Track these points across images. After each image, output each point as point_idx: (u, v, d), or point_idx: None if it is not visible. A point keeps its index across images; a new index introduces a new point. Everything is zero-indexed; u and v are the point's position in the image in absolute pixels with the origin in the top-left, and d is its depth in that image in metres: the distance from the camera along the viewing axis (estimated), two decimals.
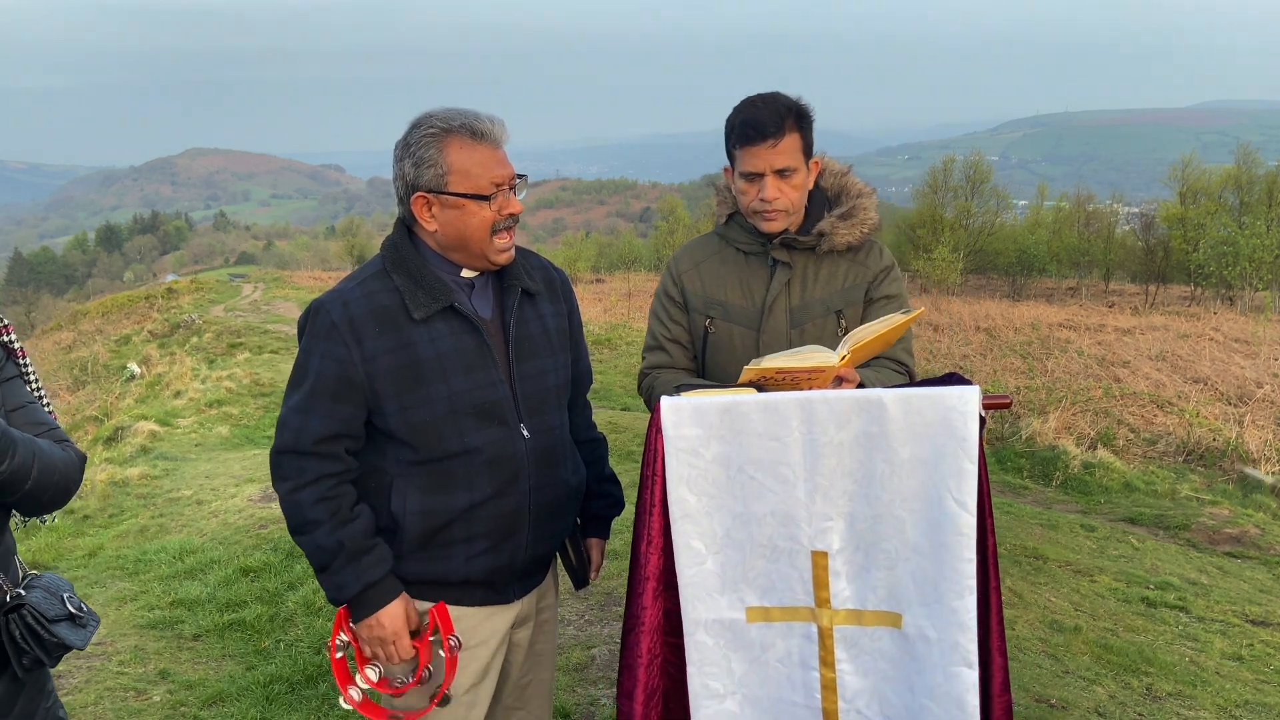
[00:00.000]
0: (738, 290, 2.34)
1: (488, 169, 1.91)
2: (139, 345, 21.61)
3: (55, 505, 1.85)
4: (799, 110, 2.21)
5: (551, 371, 2.09)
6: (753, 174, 2.21)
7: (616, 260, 57.00)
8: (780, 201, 2.22)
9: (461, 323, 1.95)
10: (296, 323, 2.02)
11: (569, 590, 4.67)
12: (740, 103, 2.25)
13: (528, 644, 2.19)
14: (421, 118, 1.94)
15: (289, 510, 1.92)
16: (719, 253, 2.40)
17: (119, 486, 8.06)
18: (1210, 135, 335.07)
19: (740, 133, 2.21)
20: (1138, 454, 10.67)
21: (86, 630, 1.87)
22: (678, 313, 2.42)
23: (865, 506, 1.80)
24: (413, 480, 1.94)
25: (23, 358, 1.98)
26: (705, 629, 1.89)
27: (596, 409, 11.66)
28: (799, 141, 2.20)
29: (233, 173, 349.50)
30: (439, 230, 1.94)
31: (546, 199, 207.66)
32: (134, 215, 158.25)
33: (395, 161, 1.96)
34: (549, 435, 2.06)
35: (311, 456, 1.89)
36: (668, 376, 2.37)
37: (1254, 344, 19.20)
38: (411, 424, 1.90)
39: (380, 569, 1.92)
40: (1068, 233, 50.70)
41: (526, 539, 2.03)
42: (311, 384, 1.89)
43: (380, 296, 1.92)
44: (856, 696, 1.88)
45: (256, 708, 3.65)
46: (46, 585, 1.86)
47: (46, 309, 68.24)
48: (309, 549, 1.93)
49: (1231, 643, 5.02)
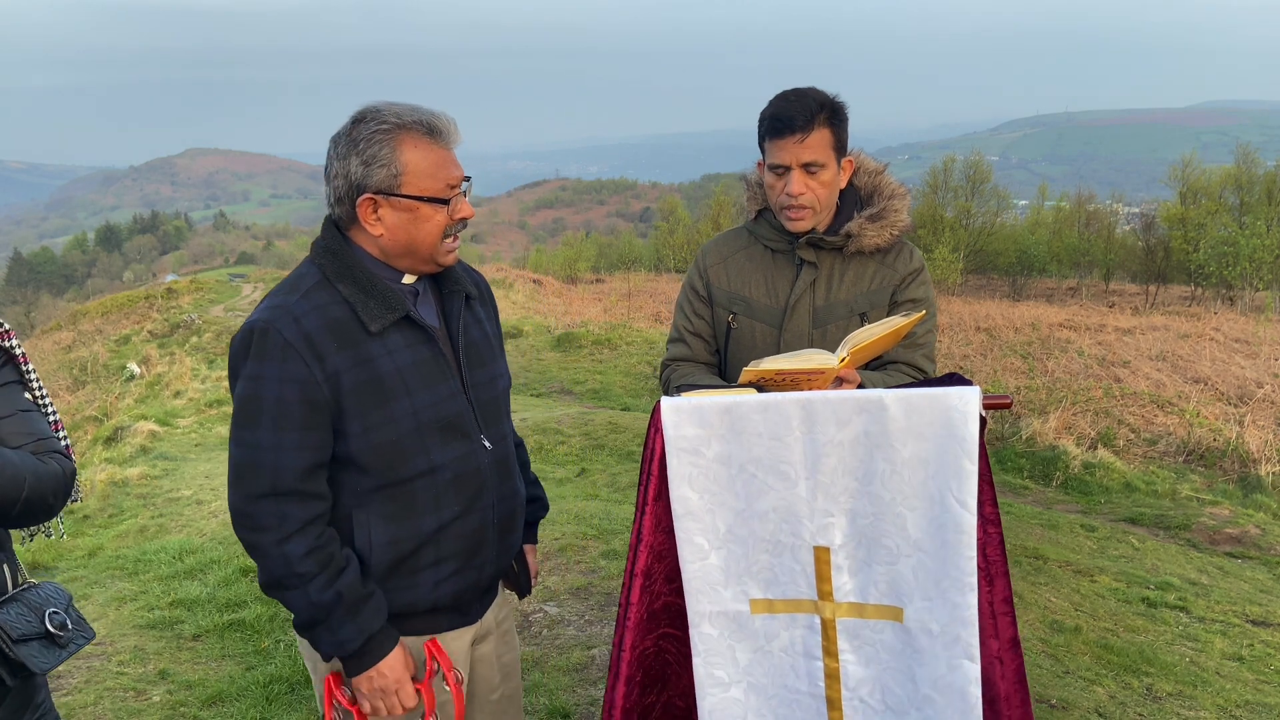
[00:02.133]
0: (762, 287, 2.32)
1: (444, 170, 1.76)
2: (139, 345, 21.62)
3: (33, 519, 1.75)
4: (832, 106, 2.17)
5: (500, 377, 2.00)
6: (780, 167, 2.18)
7: (616, 260, 57.01)
8: (806, 197, 2.18)
9: (416, 333, 1.82)
10: (230, 349, 1.78)
11: (569, 590, 4.67)
12: (775, 96, 2.21)
13: (494, 657, 2.10)
14: (367, 111, 1.77)
15: (273, 564, 1.71)
16: (747, 248, 2.38)
17: (119, 486, 8.07)
18: (1210, 135, 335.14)
19: (769, 125, 2.18)
20: (1138, 454, 10.67)
21: (64, 650, 1.80)
22: (701, 306, 2.40)
23: (867, 504, 1.80)
24: (374, 509, 1.79)
25: (24, 364, 1.93)
26: (710, 620, 1.91)
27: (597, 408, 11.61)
28: (829, 138, 2.17)
29: (233, 173, 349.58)
30: (385, 235, 1.78)
31: (546, 199, 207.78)
32: (134, 215, 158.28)
33: (336, 159, 1.76)
34: (505, 444, 1.97)
35: (293, 498, 1.70)
36: (685, 370, 2.36)
37: (1254, 344, 19.21)
38: (374, 445, 1.75)
39: (381, 617, 1.78)
40: (1068, 233, 50.71)
41: (491, 554, 1.94)
42: (274, 414, 1.69)
43: (331, 309, 1.74)
44: (860, 685, 1.90)
45: (256, 708, 3.65)
46: (31, 599, 1.81)
47: (46, 309, 68.26)
48: (297, 604, 1.73)
49: (1232, 643, 5.02)
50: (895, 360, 2.26)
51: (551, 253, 61.77)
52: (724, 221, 44.57)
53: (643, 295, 33.73)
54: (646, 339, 17.73)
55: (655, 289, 39.03)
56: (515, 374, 14.75)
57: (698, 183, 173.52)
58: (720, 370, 2.39)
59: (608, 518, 5.89)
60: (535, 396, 13.04)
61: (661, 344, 17.08)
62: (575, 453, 8.85)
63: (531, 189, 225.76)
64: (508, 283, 28.74)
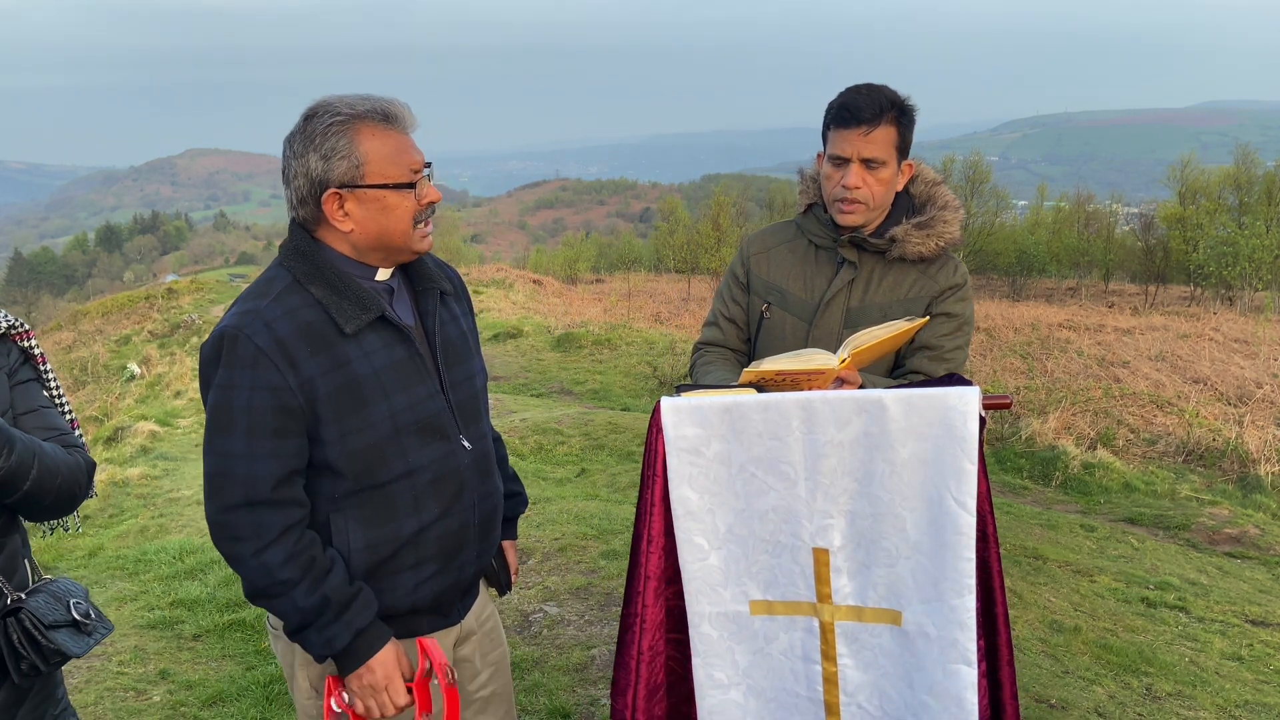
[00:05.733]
0: (799, 281, 2.32)
1: (405, 155, 1.73)
2: (139, 345, 21.62)
3: (60, 510, 1.80)
4: (902, 106, 2.16)
5: (477, 375, 1.97)
6: (840, 158, 2.17)
7: (616, 260, 56.98)
8: (861, 192, 2.17)
9: (392, 333, 1.78)
10: (200, 355, 1.74)
11: (569, 590, 4.67)
12: (847, 88, 2.19)
13: (478, 657, 2.07)
14: (318, 107, 1.72)
15: (253, 574, 1.69)
16: (792, 241, 2.38)
17: (119, 486, 8.07)
18: (1210, 135, 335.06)
19: (836, 114, 2.16)
20: (1137, 454, 10.67)
21: (90, 638, 1.83)
22: (740, 293, 2.41)
23: (866, 505, 1.81)
24: (351, 513, 1.76)
25: (43, 364, 1.97)
26: (709, 621, 1.91)
27: (597, 408, 11.61)
28: (894, 136, 2.16)
29: (233, 173, 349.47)
30: (355, 230, 1.74)
31: (546, 199, 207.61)
32: (134, 215, 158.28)
33: (294, 158, 1.72)
34: (484, 443, 1.95)
35: (269, 507, 1.67)
36: (711, 357, 2.38)
37: (1254, 344, 19.20)
38: (351, 450, 1.72)
39: (369, 613, 1.75)
40: (1067, 233, 50.70)
41: (472, 554, 1.92)
42: (246, 423, 1.65)
43: (303, 312, 1.70)
44: (858, 690, 1.90)
45: (256, 708, 3.66)
46: (54, 590, 1.84)
47: (46, 309, 68.23)
48: (284, 611, 1.71)
49: (1231, 643, 5.02)
50: (917, 371, 2.23)
51: (551, 253, 61.78)
52: (724, 222, 44.56)
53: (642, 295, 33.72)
54: (646, 339, 17.72)
55: (655, 289, 39.03)
56: (515, 374, 14.75)
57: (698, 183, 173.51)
58: (749, 359, 2.40)
59: (608, 518, 5.89)
60: (535, 396, 13.03)
61: (661, 344, 17.09)
62: (575, 453, 8.85)
63: (531, 189, 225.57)
64: (508, 283, 28.72)
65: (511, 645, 4.08)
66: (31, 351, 1.94)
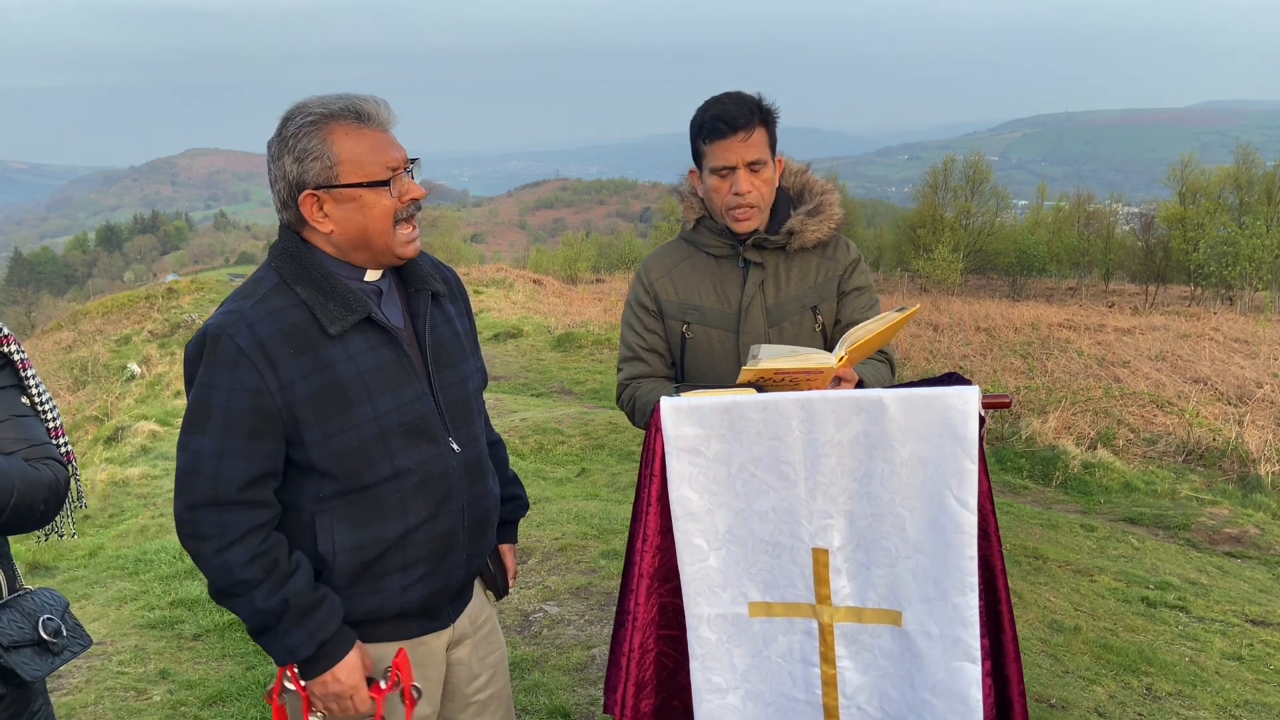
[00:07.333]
0: (713, 294, 2.35)
1: (380, 152, 1.71)
2: (139, 345, 21.61)
3: (21, 528, 1.73)
4: (764, 107, 2.25)
5: (470, 377, 1.94)
6: (725, 168, 2.23)
7: (616, 260, 56.96)
8: (753, 195, 2.23)
9: (379, 335, 1.77)
10: (185, 353, 1.75)
11: (569, 590, 4.67)
12: (705, 101, 2.28)
13: (475, 660, 2.04)
14: (294, 109, 1.73)
15: (214, 573, 1.68)
16: (689, 258, 2.41)
17: (119, 486, 8.07)
18: (1210, 135, 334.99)
19: (711, 127, 2.22)
20: (1138, 454, 10.67)
21: (58, 658, 1.79)
22: (653, 321, 2.41)
23: (866, 505, 1.80)
24: (337, 514, 1.75)
25: (25, 369, 1.90)
26: (708, 624, 1.91)
27: (597, 408, 11.60)
28: (766, 136, 2.24)
29: (233, 173, 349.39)
30: (335, 230, 1.73)
31: (546, 199, 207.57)
32: (134, 215, 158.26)
33: (272, 161, 1.73)
34: (475, 446, 1.92)
35: (234, 507, 1.67)
36: (649, 386, 2.36)
37: (1254, 344, 19.19)
38: (335, 452, 1.71)
39: (334, 621, 1.73)
40: (1067, 233, 50.66)
41: (462, 558, 1.89)
42: (221, 422, 1.65)
43: (288, 313, 1.70)
44: (857, 693, 1.89)
45: (256, 708, 3.66)
46: (27, 605, 1.79)
47: (47, 309, 68.23)
48: (244, 612, 1.70)
49: (1231, 643, 5.02)
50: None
51: (551, 253, 61.72)
52: None
53: None
54: None
55: None
56: (515, 374, 14.73)
57: None
58: (678, 382, 2.40)
59: (608, 518, 5.89)
60: (535, 396, 13.02)
61: None
62: (575, 453, 8.85)
63: (531, 189, 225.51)
64: (508, 283, 28.71)
65: (511, 645, 4.08)
66: (12, 357, 1.88)
